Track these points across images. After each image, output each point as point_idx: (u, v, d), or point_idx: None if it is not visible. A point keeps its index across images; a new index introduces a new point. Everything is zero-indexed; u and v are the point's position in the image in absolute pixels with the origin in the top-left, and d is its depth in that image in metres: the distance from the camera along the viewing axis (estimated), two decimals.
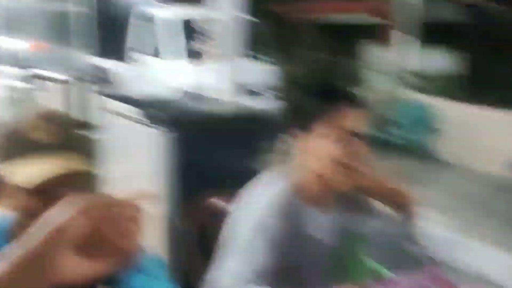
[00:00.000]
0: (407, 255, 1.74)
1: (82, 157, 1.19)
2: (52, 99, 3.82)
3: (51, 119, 1.19)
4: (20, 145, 1.15)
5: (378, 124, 7.00)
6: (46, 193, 1.12)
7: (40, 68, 4.16)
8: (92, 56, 4.58)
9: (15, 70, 4.29)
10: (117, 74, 4.65)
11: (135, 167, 2.58)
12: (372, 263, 1.89)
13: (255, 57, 8.25)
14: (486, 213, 5.38)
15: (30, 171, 1.11)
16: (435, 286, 1.68)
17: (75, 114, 3.81)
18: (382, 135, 6.92)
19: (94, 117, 3.47)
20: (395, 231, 1.71)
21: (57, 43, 4.89)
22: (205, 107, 2.79)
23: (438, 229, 2.05)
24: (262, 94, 8.05)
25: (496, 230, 4.88)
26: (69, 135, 1.20)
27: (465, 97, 7.78)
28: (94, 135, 2.95)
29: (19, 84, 4.16)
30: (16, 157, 1.14)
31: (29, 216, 1.09)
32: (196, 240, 1.94)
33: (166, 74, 7.41)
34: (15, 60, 4.36)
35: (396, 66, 8.45)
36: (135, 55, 8.14)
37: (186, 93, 3.39)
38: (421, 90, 8.26)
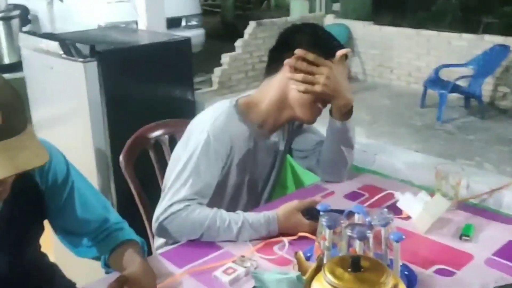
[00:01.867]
0: (341, 163, 1.76)
1: (30, 135, 1.09)
2: None
3: None
4: None
5: None
6: None
7: None
8: None
9: None
10: (39, 13, 4.37)
11: (64, 105, 2.46)
12: (308, 177, 1.93)
13: None
14: (403, 126, 5.68)
15: None
16: (367, 192, 1.74)
17: None
18: None
19: (14, 58, 3.26)
20: (330, 136, 1.73)
21: None
22: (132, 38, 2.68)
23: (365, 139, 2.11)
24: (189, 25, 7.92)
25: (415, 141, 5.20)
26: (16, 116, 1.07)
27: (377, 18, 7.97)
28: (17, 76, 2.81)
29: None
30: None
31: None
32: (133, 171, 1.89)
33: (88, 12, 7.11)
34: None
35: None
36: None
37: (110, 26, 3.23)
38: (337, 14, 8.35)
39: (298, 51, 1.56)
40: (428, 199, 1.55)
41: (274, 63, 1.65)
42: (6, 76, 3.18)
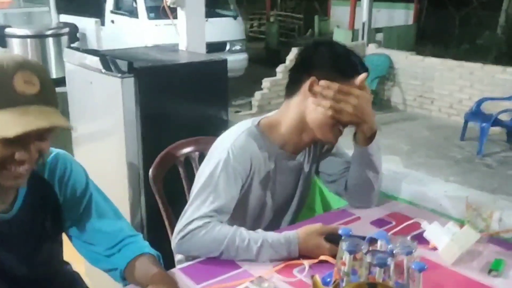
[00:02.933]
0: (367, 188, 1.71)
1: (58, 111, 1.15)
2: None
3: (34, 71, 1.12)
4: (4, 95, 1.08)
5: None
6: (19, 143, 1.11)
7: (6, 25, 3.95)
8: (60, 13, 4.40)
9: None
10: (88, 32, 4.53)
11: (101, 119, 2.50)
12: (336, 200, 1.88)
13: (220, 14, 8.17)
14: (441, 158, 5.53)
15: (9, 122, 1.06)
16: (393, 220, 1.68)
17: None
18: None
19: (60, 73, 3.35)
20: (355, 161, 1.69)
21: None
22: (171, 57, 2.71)
23: (395, 167, 2.04)
24: (233, 50, 8.05)
25: (453, 173, 5.04)
26: (49, 89, 1.15)
27: (420, 49, 7.87)
28: (61, 91, 2.88)
29: None
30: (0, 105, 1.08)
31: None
32: (163, 190, 1.89)
33: (140, 34, 7.33)
34: None
35: (360, 22, 8.44)
36: (112, 16, 8.02)
37: (153, 46, 3.29)
38: (381, 44, 8.30)
39: (322, 83, 1.51)
40: (456, 230, 1.47)
41: (293, 84, 1.61)
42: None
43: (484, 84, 6.55)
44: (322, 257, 1.40)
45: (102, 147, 2.53)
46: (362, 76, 1.55)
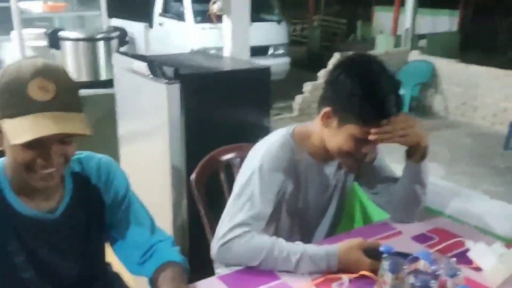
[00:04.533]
0: (414, 203, 1.65)
1: (78, 115, 1.15)
2: (68, 59, 3.70)
3: (51, 77, 1.12)
4: (19, 102, 1.09)
5: None
6: (37, 148, 1.12)
7: (56, 28, 4.04)
8: (111, 17, 4.49)
9: (31, 31, 4.15)
10: (136, 35, 4.60)
11: (146, 120, 2.51)
12: (377, 212, 1.82)
13: (264, 19, 8.15)
14: (485, 168, 5.34)
15: (21, 129, 1.08)
16: (437, 236, 1.61)
17: (91, 72, 3.71)
18: None
19: (109, 75, 3.39)
20: (406, 177, 1.63)
21: (74, 3, 4.78)
22: (216, 63, 2.71)
23: (440, 181, 1.96)
24: (276, 54, 8.02)
25: (496, 183, 4.86)
26: (67, 94, 1.14)
27: (464, 56, 7.63)
28: (109, 92, 2.92)
29: (35, 44, 4.04)
30: (15, 112, 1.09)
31: (20, 164, 1.14)
32: (204, 194, 1.87)
33: (187, 37, 7.41)
34: (30, 20, 4.25)
35: (403, 28, 8.28)
36: (161, 19, 8.14)
37: (198, 51, 3.29)
38: (423, 50, 8.11)
39: (371, 137, 1.44)
40: (503, 251, 1.39)
41: (324, 96, 1.55)
42: (101, 91, 3.33)
43: None
44: (362, 272, 1.35)
45: (147, 149, 2.54)
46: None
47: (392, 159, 1.73)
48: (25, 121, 1.08)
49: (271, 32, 8.08)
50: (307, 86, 7.06)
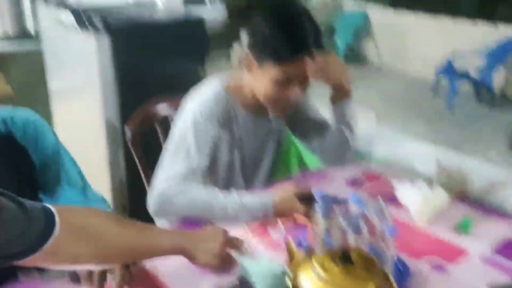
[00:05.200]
0: (343, 146, 1.68)
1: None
2: None
3: None
4: None
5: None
6: None
7: None
8: None
9: None
10: None
11: (77, 76, 2.41)
12: (312, 160, 1.86)
13: None
14: (414, 113, 5.55)
15: None
16: (367, 180, 1.66)
17: (16, 24, 3.48)
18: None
19: (35, 28, 3.20)
20: (332, 120, 1.65)
21: None
22: (148, 14, 2.60)
23: (369, 125, 2.02)
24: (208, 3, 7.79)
25: (424, 128, 5.07)
26: None
27: (396, 3, 7.74)
28: (36, 46, 2.75)
29: None
30: None
31: None
32: (142, 149, 1.83)
33: None
34: None
35: None
36: None
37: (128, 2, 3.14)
38: None
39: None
40: (427, 190, 1.46)
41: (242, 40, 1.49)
42: (28, 45, 3.13)
43: (456, 39, 6.50)
44: (298, 219, 1.38)
45: (80, 105, 2.46)
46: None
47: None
48: None
49: None
50: (244, 35, 6.96)
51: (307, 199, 1.39)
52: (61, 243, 0.87)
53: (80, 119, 2.43)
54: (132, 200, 2.29)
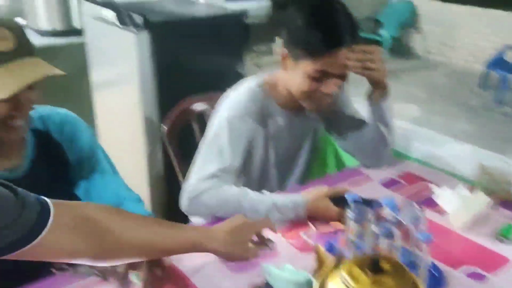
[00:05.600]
0: (380, 145, 1.63)
1: (41, 60, 1.10)
2: (39, 3, 3.53)
3: (3, 25, 1.07)
4: None
5: (366, 26, 6.82)
6: (12, 99, 1.05)
7: None
8: None
9: None
10: None
11: (117, 70, 2.44)
12: (349, 157, 1.82)
13: None
14: (459, 108, 5.36)
15: (4, 81, 1.02)
16: (404, 181, 1.61)
17: (63, 20, 3.56)
18: (369, 36, 6.70)
19: (78, 23, 3.27)
20: (370, 118, 1.60)
21: None
22: (188, 10, 2.60)
23: (409, 124, 1.95)
24: None
25: (471, 122, 4.89)
26: (26, 40, 1.10)
27: None
28: (81, 41, 2.81)
29: None
30: None
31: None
32: (178, 145, 1.84)
33: None
34: None
35: None
36: None
37: None
38: None
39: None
40: (467, 193, 1.40)
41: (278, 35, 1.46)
42: (73, 39, 3.20)
43: (508, 31, 6.23)
44: (332, 224, 1.35)
45: (120, 99, 2.49)
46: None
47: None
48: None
49: None
50: None
51: (341, 202, 1.36)
52: (56, 236, 0.84)
53: (119, 112, 2.47)
54: (170, 195, 2.31)
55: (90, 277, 1.14)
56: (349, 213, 1.16)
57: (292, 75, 1.45)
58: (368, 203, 1.24)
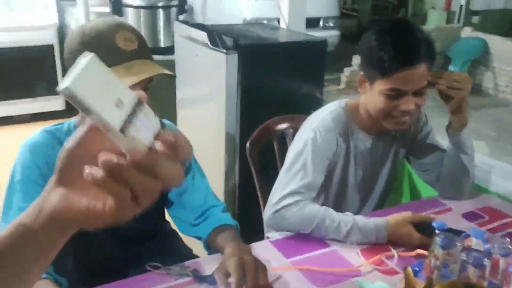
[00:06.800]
0: (461, 175, 1.61)
1: (156, 63, 1.21)
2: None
3: (130, 29, 1.20)
4: (111, 53, 1.13)
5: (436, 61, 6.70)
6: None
7: None
8: None
9: None
10: (194, 4, 4.63)
11: (205, 87, 2.53)
12: (425, 188, 1.79)
13: None
14: None
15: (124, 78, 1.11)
16: (486, 214, 1.57)
17: (151, 39, 3.76)
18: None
19: (168, 42, 3.42)
20: (450, 148, 1.59)
21: None
22: (272, 35, 2.68)
23: (490, 159, 1.90)
24: (326, 26, 7.85)
25: None
26: (145, 45, 1.22)
27: None
28: (168, 58, 2.94)
29: (98, 10, 4.11)
30: (107, 64, 1.09)
31: None
32: (256, 157, 1.88)
33: (238, 6, 7.34)
34: None
35: (457, 3, 7.91)
36: None
37: (254, 22, 3.26)
38: (476, 27, 7.75)
39: (431, 78, 1.42)
40: None
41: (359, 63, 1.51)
42: (160, 57, 3.36)
43: None
44: (418, 251, 1.33)
45: (203, 115, 2.57)
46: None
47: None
48: (119, 71, 1.12)
49: (322, 4, 7.89)
50: (356, 59, 6.91)
51: (423, 229, 1.34)
52: None
53: (202, 127, 2.55)
54: (241, 208, 2.37)
55: (183, 278, 1.19)
56: (437, 240, 1.15)
57: (370, 96, 1.48)
58: (455, 232, 1.23)
